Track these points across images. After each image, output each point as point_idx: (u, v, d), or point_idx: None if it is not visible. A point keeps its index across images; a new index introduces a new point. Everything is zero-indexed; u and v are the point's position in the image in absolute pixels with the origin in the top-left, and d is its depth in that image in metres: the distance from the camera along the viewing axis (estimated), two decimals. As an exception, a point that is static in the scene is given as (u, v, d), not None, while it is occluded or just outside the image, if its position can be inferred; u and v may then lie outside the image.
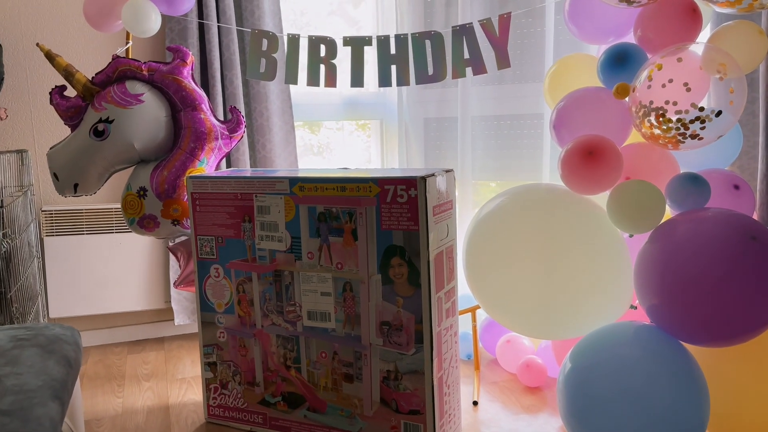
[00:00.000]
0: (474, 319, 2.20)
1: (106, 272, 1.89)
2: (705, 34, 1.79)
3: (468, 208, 2.83)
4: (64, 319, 2.54)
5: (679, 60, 1.60)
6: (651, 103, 1.61)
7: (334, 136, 3.18)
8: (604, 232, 1.69)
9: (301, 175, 1.69)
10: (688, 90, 1.60)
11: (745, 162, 1.92)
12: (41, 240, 2.43)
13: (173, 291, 2.56)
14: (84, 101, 2.05)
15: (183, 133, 2.11)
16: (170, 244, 2.14)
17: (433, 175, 1.57)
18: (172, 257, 2.50)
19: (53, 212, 2.44)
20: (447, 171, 1.68)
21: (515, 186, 1.85)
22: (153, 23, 2.07)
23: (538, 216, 1.71)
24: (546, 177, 2.74)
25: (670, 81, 1.59)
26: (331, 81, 2.18)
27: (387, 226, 1.56)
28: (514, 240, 1.74)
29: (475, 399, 2.03)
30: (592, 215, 1.71)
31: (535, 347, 2.24)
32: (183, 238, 2.12)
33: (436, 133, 2.94)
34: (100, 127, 1.97)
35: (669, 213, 1.74)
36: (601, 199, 1.79)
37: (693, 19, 1.64)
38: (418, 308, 1.56)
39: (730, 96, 1.59)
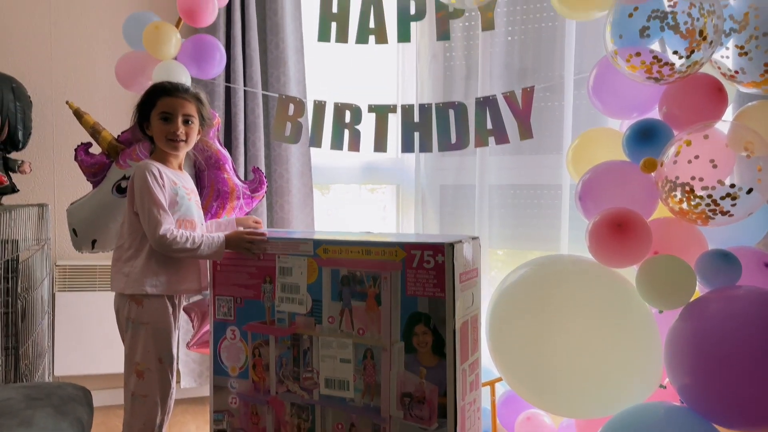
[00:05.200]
0: (493, 393, 2.13)
1: (114, 330, 1.85)
2: (729, 113, 1.81)
3: (484, 274, 2.80)
4: (69, 377, 2.47)
5: (706, 137, 1.61)
6: (677, 178, 1.61)
7: (345, 197, 3.18)
8: (633, 306, 1.65)
9: (325, 237, 1.67)
10: (714, 167, 1.60)
11: (772, 240, 1.90)
12: (53, 295, 2.40)
13: (181, 352, 2.50)
14: (108, 158, 2.07)
15: (205, 192, 2.11)
16: (184, 303, 2.10)
17: (460, 241, 1.55)
18: (184, 317, 2.45)
19: (67, 267, 2.41)
20: (473, 238, 1.66)
21: (539, 256, 1.83)
22: (183, 85, 2.11)
23: (565, 288, 1.68)
24: (564, 248, 2.71)
25: (696, 157, 1.59)
26: (354, 145, 2.20)
27: (412, 291, 1.53)
28: (540, 312, 1.70)
29: (494, 479, 1.93)
30: (621, 289, 1.68)
31: (556, 425, 2.15)
32: (198, 298, 2.09)
33: (453, 200, 2.93)
34: (123, 184, 1.97)
35: (698, 290, 1.70)
36: (628, 272, 1.76)
37: (719, 97, 1.66)
38: (442, 380, 1.50)
39: (758, 174, 1.58)
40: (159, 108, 1.75)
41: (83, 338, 2.39)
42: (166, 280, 1.73)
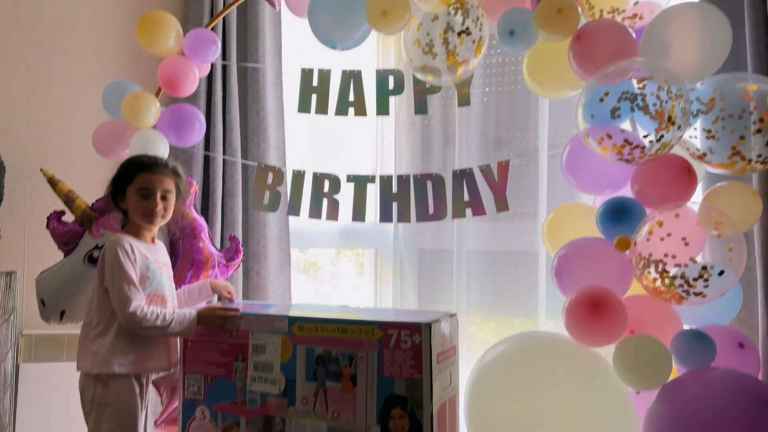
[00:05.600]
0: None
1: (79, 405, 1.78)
2: (699, 189, 1.86)
3: (462, 343, 2.77)
4: (28, 453, 2.35)
5: (677, 216, 1.64)
6: (650, 255, 1.64)
7: (324, 256, 3.16)
8: (610, 386, 1.64)
9: (300, 313, 1.65)
10: (686, 244, 1.63)
11: (744, 315, 1.92)
12: (17, 367, 2.31)
13: (150, 429, 2.40)
14: (81, 227, 2.03)
15: (179, 262, 2.08)
16: (153, 377, 2.04)
17: (438, 320, 1.54)
18: (153, 391, 2.37)
19: (34, 336, 2.33)
20: (450, 315, 1.65)
21: (517, 333, 1.82)
22: (161, 154, 2.11)
23: (543, 368, 1.67)
24: (542, 315, 2.71)
25: (669, 235, 1.62)
26: (333, 214, 2.20)
27: (389, 372, 1.50)
28: (518, 392, 1.68)
29: None
30: (598, 369, 1.67)
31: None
32: (169, 372, 2.03)
33: (431, 264, 2.93)
34: (96, 254, 1.94)
35: (675, 368, 1.70)
36: (606, 351, 1.76)
37: (688, 178, 1.71)
38: (419, 466, 1.46)
39: (729, 254, 1.62)
40: (138, 184, 1.73)
41: (47, 413, 2.29)
42: (134, 359, 1.68)
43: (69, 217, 2.04)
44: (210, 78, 2.49)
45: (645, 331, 1.66)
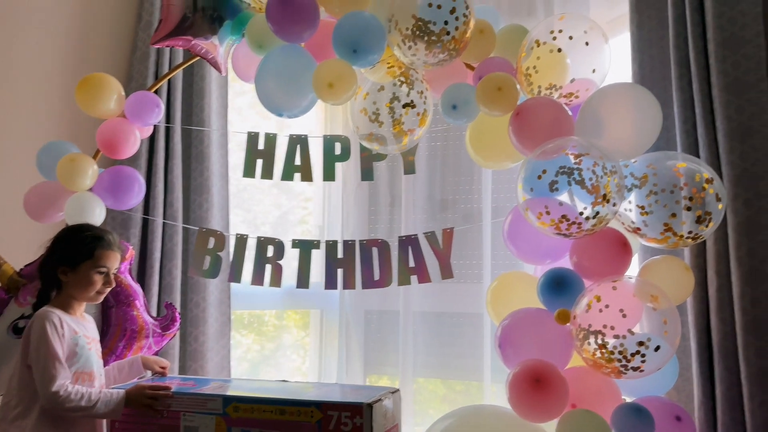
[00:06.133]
0: None
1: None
2: (635, 260, 1.91)
3: (408, 408, 2.72)
4: None
5: (614, 288, 1.68)
6: (590, 326, 1.66)
7: (269, 312, 3.10)
8: (553, 463, 1.63)
9: (236, 393, 1.58)
10: (624, 316, 1.66)
11: (680, 384, 1.96)
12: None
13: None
14: (7, 294, 1.93)
15: (112, 331, 1.99)
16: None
17: (379, 399, 1.50)
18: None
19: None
20: (393, 392, 1.62)
21: (461, 408, 1.80)
22: (97, 217, 2.04)
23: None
24: (487, 377, 2.70)
25: (607, 306, 1.65)
26: (276, 281, 2.16)
27: (328, 457, 1.45)
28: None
29: None
30: (541, 444, 1.66)
31: None
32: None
33: (378, 325, 2.91)
34: (21, 323, 1.83)
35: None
36: (549, 426, 1.75)
37: (624, 251, 1.75)
38: None
39: (665, 326, 1.65)
40: (98, 261, 1.69)
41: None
42: None
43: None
44: (152, 138, 2.44)
45: (586, 404, 1.66)
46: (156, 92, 2.30)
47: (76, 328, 1.65)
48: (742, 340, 1.79)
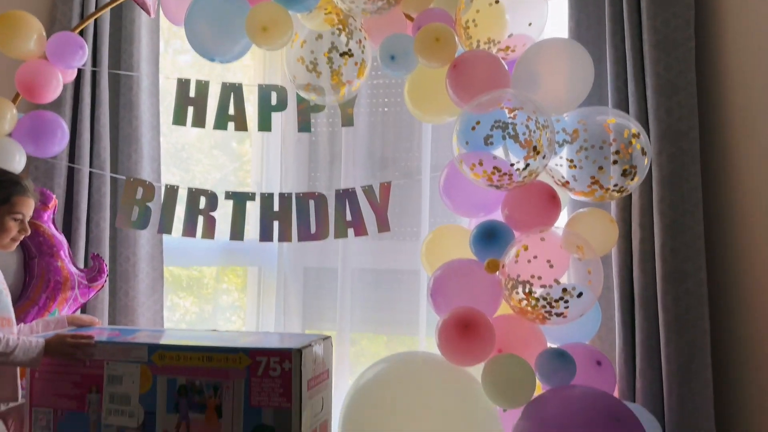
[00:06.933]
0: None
1: None
2: (564, 213, 1.96)
3: (343, 360, 2.74)
4: None
5: (542, 240, 1.72)
6: (518, 276, 1.70)
7: (207, 270, 3.04)
8: (479, 405, 1.68)
9: (162, 341, 1.55)
10: (551, 267, 1.71)
11: (604, 333, 2.04)
12: None
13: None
14: None
15: (34, 283, 1.91)
16: (1, 408, 1.84)
17: (309, 345, 1.50)
18: (1, 424, 2.14)
19: None
20: (324, 338, 1.62)
21: (393, 354, 1.82)
22: (17, 164, 1.93)
23: (416, 388, 1.69)
24: (423, 332, 2.75)
25: (535, 257, 1.70)
26: (209, 233, 2.11)
27: (257, 402, 1.44)
28: (392, 412, 1.68)
29: None
30: (468, 388, 1.71)
31: None
32: (18, 403, 1.84)
33: (316, 282, 2.90)
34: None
35: (540, 386, 1.77)
36: (477, 370, 1.80)
37: (552, 204, 1.80)
38: (286, 498, 1.41)
39: (589, 276, 1.72)
40: (15, 206, 1.61)
41: None
42: None
43: None
44: (77, 84, 2.31)
45: (512, 350, 1.72)
46: (81, 34, 2.18)
47: (-10, 273, 1.58)
48: (661, 289, 1.87)
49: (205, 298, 3.10)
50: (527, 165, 1.68)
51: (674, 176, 1.90)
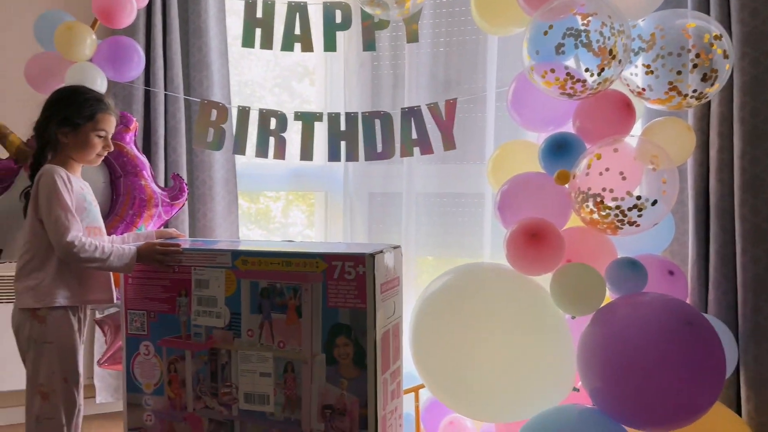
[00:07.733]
0: (417, 399, 2.14)
1: (14, 344, 1.73)
2: (638, 127, 1.90)
3: (410, 283, 2.82)
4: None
5: (615, 150, 1.69)
6: (589, 189, 1.68)
7: (274, 205, 3.14)
8: (547, 313, 1.71)
9: (244, 248, 1.64)
10: (624, 179, 1.67)
11: (676, 248, 2.01)
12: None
13: (96, 367, 2.38)
14: (17, 164, 1.95)
15: (121, 200, 2.03)
16: (98, 316, 2.01)
17: (381, 251, 1.55)
18: (98, 330, 2.34)
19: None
20: (395, 247, 1.67)
21: (461, 265, 1.86)
22: (99, 88, 2.02)
23: (483, 296, 1.72)
24: (487, 255, 2.78)
25: (607, 170, 1.67)
26: (280, 153, 2.17)
27: (333, 303, 1.52)
28: (459, 320, 1.73)
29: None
30: (536, 296, 1.73)
31: (477, 429, 2.19)
32: (113, 310, 2.00)
33: (381, 207, 2.95)
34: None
35: (609, 296, 1.78)
36: (545, 279, 1.82)
37: (627, 113, 1.75)
38: (363, 391, 1.50)
39: (663, 186, 1.67)
40: (99, 123, 1.69)
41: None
42: (74, 291, 1.64)
43: (3, 154, 1.95)
44: (149, 11, 2.38)
45: (581, 260, 1.72)
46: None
47: (82, 185, 1.69)
48: (739, 199, 1.81)
49: (273, 231, 3.22)
50: (601, 71, 1.63)
51: (757, 82, 1.81)
